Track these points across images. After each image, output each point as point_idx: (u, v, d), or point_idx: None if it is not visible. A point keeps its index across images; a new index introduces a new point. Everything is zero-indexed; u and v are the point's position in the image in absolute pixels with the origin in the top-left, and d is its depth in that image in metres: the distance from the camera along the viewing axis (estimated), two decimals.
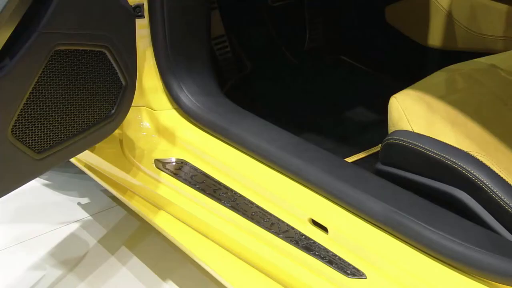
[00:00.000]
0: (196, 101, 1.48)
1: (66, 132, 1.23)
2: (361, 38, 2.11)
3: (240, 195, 1.34)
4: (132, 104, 1.40)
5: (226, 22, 1.96)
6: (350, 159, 1.61)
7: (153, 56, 1.47)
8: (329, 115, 1.83)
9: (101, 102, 1.28)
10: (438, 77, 1.34)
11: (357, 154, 1.63)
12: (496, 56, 1.41)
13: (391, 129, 1.26)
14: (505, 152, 1.12)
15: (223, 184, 1.38)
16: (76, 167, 1.76)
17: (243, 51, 2.06)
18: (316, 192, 1.24)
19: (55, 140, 1.21)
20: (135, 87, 1.36)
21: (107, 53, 1.25)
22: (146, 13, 1.43)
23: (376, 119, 1.76)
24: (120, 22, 1.26)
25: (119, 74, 1.29)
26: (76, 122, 1.24)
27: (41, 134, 1.19)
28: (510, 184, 1.06)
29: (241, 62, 2.05)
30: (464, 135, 1.16)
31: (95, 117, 1.28)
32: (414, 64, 1.91)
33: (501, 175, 1.07)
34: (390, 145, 1.22)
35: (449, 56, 1.80)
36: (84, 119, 1.25)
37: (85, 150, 1.34)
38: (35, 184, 2.07)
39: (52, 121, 1.19)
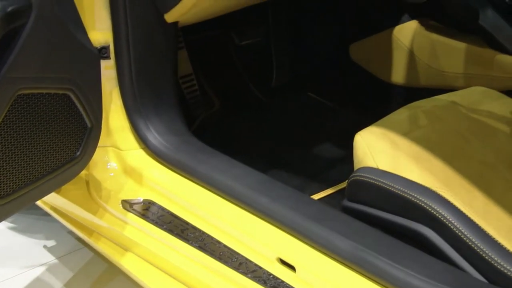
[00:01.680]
0: (164, 140, 1.48)
1: (30, 175, 1.21)
2: (328, 75, 2.14)
3: (208, 235, 1.33)
4: (99, 145, 1.39)
5: (194, 61, 1.98)
6: (317, 196, 1.62)
7: (120, 97, 1.48)
8: (297, 151, 1.85)
9: (65, 144, 1.27)
10: (401, 114, 1.37)
11: (325, 191, 1.64)
12: (457, 93, 1.44)
13: (356, 166, 1.28)
14: (467, 188, 1.14)
15: (191, 224, 1.37)
16: (42, 209, 1.73)
17: (211, 89, 2.07)
18: (284, 231, 1.24)
19: (19, 185, 1.20)
20: (100, 128, 1.35)
21: (72, 96, 1.24)
22: (112, 55, 1.43)
23: (343, 155, 1.78)
24: (85, 65, 1.27)
25: (84, 116, 1.29)
26: (40, 165, 1.22)
27: (4, 179, 1.17)
28: (473, 220, 1.07)
29: (209, 100, 2.06)
30: (427, 171, 1.18)
31: (59, 160, 1.27)
32: (379, 100, 1.94)
33: (464, 211, 1.09)
34: (355, 182, 1.24)
35: (412, 92, 1.84)
36: (48, 162, 1.24)
37: (50, 193, 1.32)
38: (0, 227, 2.03)
39: (15, 165, 1.18)
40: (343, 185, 1.62)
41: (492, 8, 1.61)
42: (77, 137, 1.29)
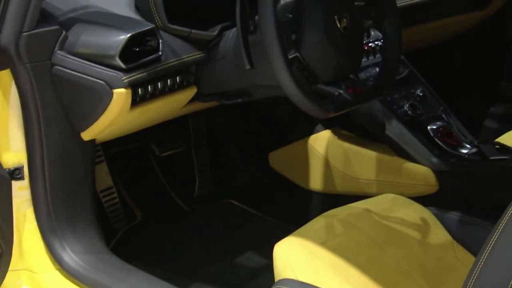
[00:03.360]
0: (80, 260, 1.44)
1: None
2: (249, 182, 2.18)
3: None
4: (11, 268, 1.34)
5: (114, 173, 1.97)
6: None
7: (35, 218, 1.44)
8: (219, 261, 1.83)
9: None
10: (318, 223, 1.39)
11: None
12: (370, 200, 1.49)
13: (276, 277, 1.28)
14: None
15: None
16: None
17: (132, 201, 2.05)
18: None
19: None
20: (11, 253, 1.31)
21: None
22: (26, 175, 1.41)
23: (265, 264, 1.78)
24: None
25: None
26: None
27: None
28: None
29: (131, 212, 2.04)
30: (345, 280, 1.19)
31: None
32: (299, 207, 1.98)
33: None
34: None
35: (330, 198, 1.89)
36: None
37: None
38: None
39: None
40: None
41: (397, 119, 1.71)
42: None
